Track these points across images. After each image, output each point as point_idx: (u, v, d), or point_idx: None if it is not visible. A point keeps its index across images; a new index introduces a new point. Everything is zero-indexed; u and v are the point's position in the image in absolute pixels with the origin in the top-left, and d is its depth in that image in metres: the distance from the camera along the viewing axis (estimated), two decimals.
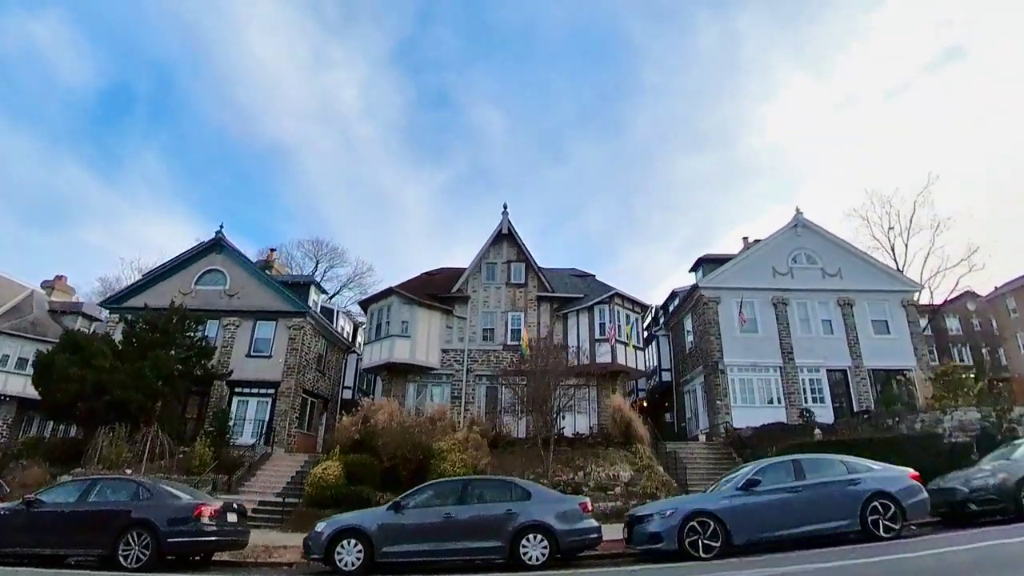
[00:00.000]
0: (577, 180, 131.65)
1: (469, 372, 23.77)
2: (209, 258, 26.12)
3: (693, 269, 28.72)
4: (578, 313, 23.91)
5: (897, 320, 24.92)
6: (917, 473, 9.40)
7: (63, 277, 30.30)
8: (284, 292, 25.47)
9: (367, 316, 25.50)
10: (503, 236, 25.70)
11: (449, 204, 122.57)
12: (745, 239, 31.13)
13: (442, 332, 24.32)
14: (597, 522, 9.30)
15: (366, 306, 25.61)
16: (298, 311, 25.09)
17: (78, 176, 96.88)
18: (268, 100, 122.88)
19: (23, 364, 25.60)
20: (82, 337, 21.00)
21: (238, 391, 24.17)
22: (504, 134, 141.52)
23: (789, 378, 23.63)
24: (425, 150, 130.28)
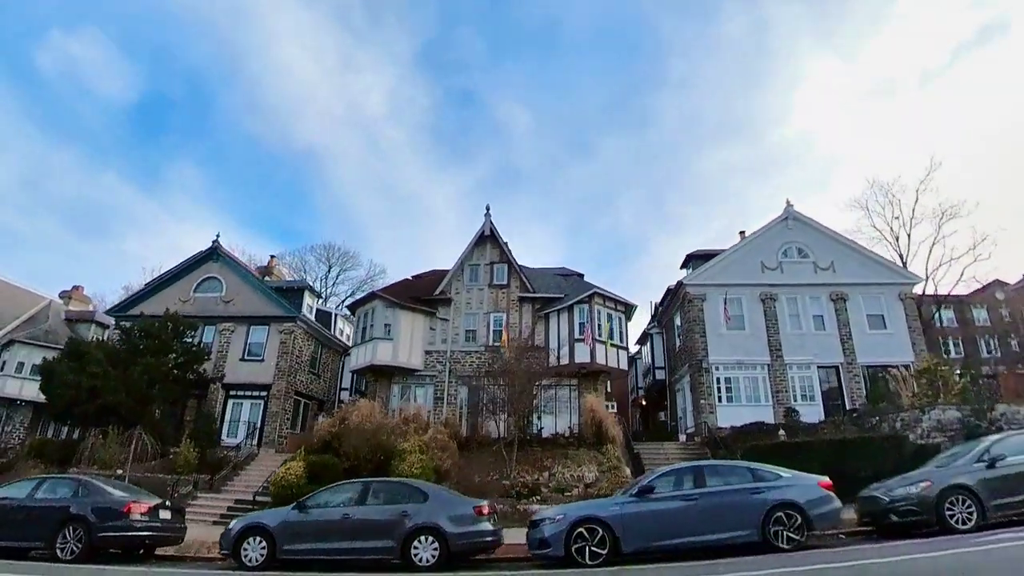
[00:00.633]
0: (606, 176, 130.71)
1: (451, 373, 24.06)
2: (206, 266, 27.19)
3: (684, 265, 28.26)
4: (559, 313, 23.88)
5: (894, 314, 23.95)
6: (829, 482, 9.09)
7: (80, 287, 32.09)
8: (276, 297, 26.30)
9: (355, 319, 26.09)
10: (486, 237, 25.84)
11: (478, 204, 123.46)
12: (742, 233, 30.34)
13: (425, 334, 24.68)
14: (492, 526, 9.38)
15: (354, 310, 26.21)
16: (288, 316, 25.88)
17: (118, 186, 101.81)
18: (298, 107, 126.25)
19: (37, 371, 27.22)
20: (82, 345, 22.24)
21: (233, 394, 25.13)
22: (530, 132, 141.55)
23: (777, 376, 23.02)
24: (452, 151, 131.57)
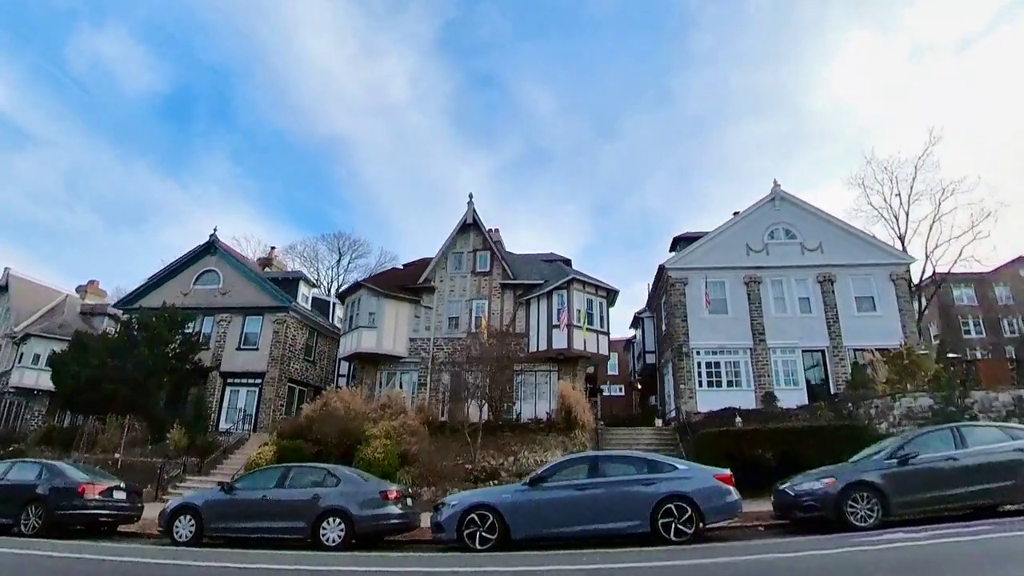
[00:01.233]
0: (632, 155, 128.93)
1: (435, 360, 24.56)
2: (205, 259, 28.30)
3: (673, 248, 27.88)
4: (539, 299, 24.01)
5: (884, 295, 23.21)
6: (728, 474, 9.09)
7: (95, 281, 33.88)
8: (269, 288, 27.23)
9: (344, 308, 26.81)
10: (468, 226, 26.06)
11: (503, 187, 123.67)
12: (736, 213, 29.67)
13: (410, 322, 25.21)
14: (401, 509, 9.81)
15: (343, 299, 26.91)
16: (281, 306, 26.79)
17: (152, 180, 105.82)
18: (322, 96, 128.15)
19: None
20: (85, 337, 23.61)
21: (230, 381, 26.30)
22: (555, 113, 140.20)
23: (759, 361, 22.70)
24: (476, 134, 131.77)
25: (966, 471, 8.75)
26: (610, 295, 24.86)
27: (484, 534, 8.71)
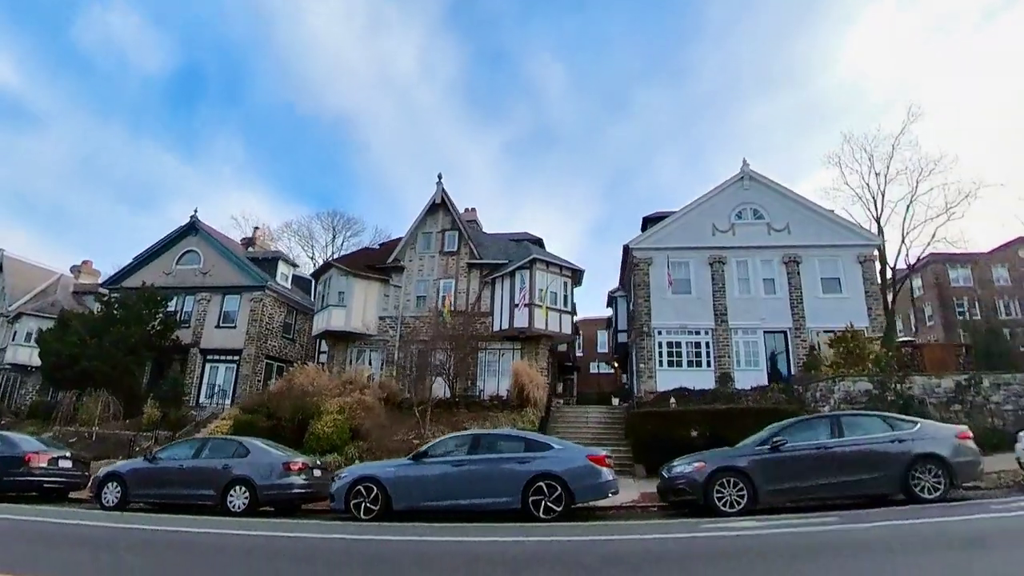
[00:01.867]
0: (644, 133, 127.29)
1: (402, 338, 25.08)
2: (187, 240, 29.03)
3: (644, 228, 27.78)
4: (503, 279, 24.29)
5: (850, 277, 23.00)
6: (601, 455, 9.36)
7: (89, 262, 34.95)
8: (246, 268, 27.91)
9: (317, 287, 27.39)
10: (438, 206, 26.29)
11: (513, 164, 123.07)
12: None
13: (379, 301, 25.71)
14: (305, 479, 10.38)
15: (316, 278, 27.47)
16: (257, 285, 27.47)
17: (163, 159, 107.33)
18: (330, 72, 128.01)
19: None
20: (68, 316, 24.58)
21: (210, 358, 27.20)
22: (565, 89, 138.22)
23: (720, 341, 22.78)
24: (486, 110, 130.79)
25: (838, 461, 8.69)
26: (575, 275, 25.03)
27: (368, 505, 9.24)
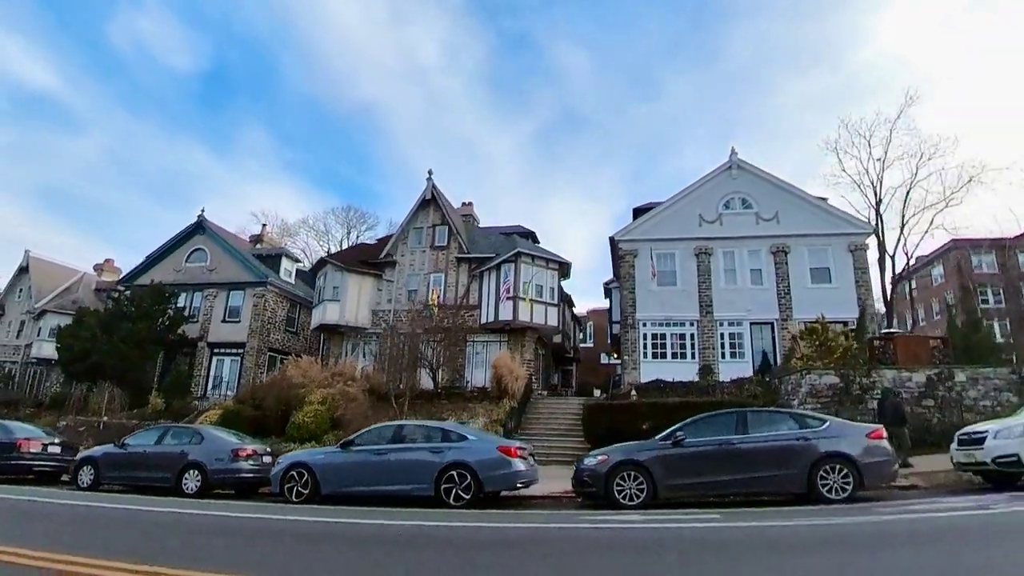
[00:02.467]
0: (671, 115, 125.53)
1: (395, 330, 25.74)
2: (195, 239, 30.36)
3: (635, 219, 27.67)
4: (489, 272, 24.67)
5: (841, 267, 22.53)
6: (512, 447, 9.59)
7: (111, 260, 36.90)
8: (250, 264, 29.04)
9: (316, 283, 28.31)
10: (428, 201, 26.79)
11: (540, 152, 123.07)
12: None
13: (373, 295, 26.45)
14: (252, 465, 11.06)
15: (314, 273, 28.39)
16: (259, 281, 28.58)
17: (194, 155, 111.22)
18: (353, 65, 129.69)
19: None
20: (83, 312, 26.12)
21: (216, 351, 28.49)
22: (590, 74, 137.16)
23: (705, 333, 22.67)
24: (511, 98, 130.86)
25: (740, 457, 8.64)
26: (562, 268, 25.19)
27: (299, 489, 9.83)
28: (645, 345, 23.12)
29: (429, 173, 26.84)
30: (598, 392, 23.37)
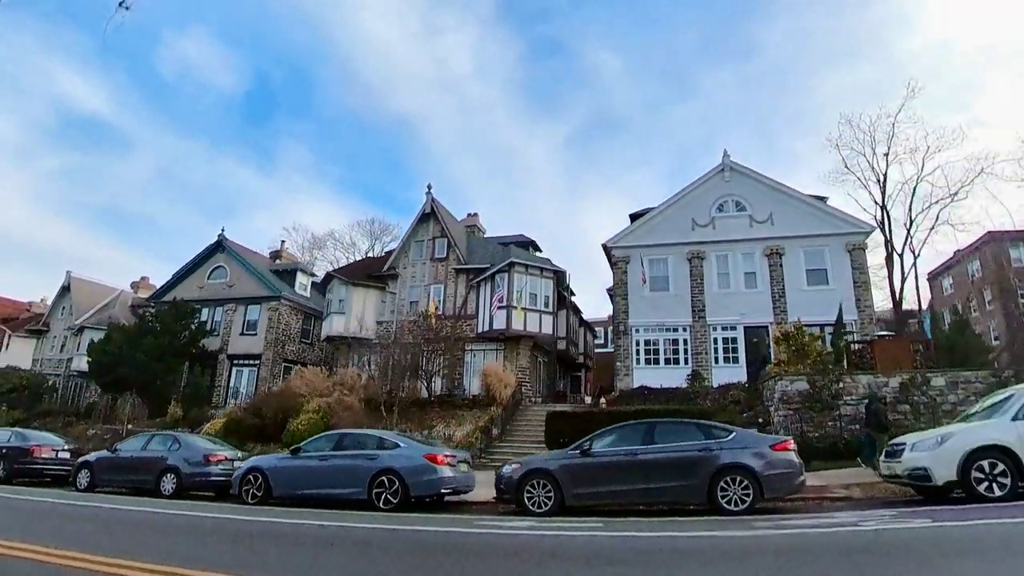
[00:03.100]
0: (707, 113, 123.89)
1: (397, 341, 26.59)
2: (216, 257, 32.23)
3: (631, 224, 27.72)
4: (485, 282, 25.24)
5: (838, 268, 22.02)
6: (438, 455, 9.99)
7: (147, 278, 39.42)
8: (265, 280, 30.58)
9: (326, 296, 29.57)
10: (428, 215, 27.64)
11: (575, 155, 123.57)
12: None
13: (377, 307, 27.45)
14: (222, 469, 11.96)
15: (323, 288, 29.66)
16: (273, 295, 30.06)
17: (239, 171, 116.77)
18: (389, 77, 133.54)
19: None
20: (113, 328, 28.14)
21: (236, 363, 30.09)
22: (623, 75, 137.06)
23: (698, 338, 22.53)
24: (544, 103, 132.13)
25: (643, 468, 8.79)
26: (557, 276, 25.51)
27: (255, 491, 10.63)
28: (638, 351, 23.14)
29: (428, 187, 27.75)
30: (588, 399, 23.52)
